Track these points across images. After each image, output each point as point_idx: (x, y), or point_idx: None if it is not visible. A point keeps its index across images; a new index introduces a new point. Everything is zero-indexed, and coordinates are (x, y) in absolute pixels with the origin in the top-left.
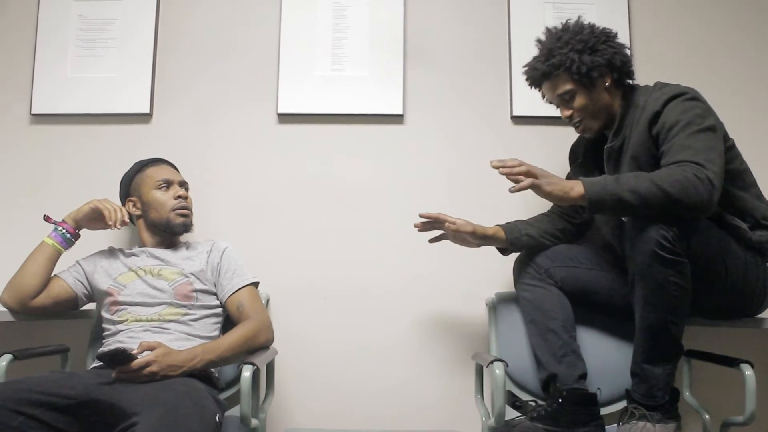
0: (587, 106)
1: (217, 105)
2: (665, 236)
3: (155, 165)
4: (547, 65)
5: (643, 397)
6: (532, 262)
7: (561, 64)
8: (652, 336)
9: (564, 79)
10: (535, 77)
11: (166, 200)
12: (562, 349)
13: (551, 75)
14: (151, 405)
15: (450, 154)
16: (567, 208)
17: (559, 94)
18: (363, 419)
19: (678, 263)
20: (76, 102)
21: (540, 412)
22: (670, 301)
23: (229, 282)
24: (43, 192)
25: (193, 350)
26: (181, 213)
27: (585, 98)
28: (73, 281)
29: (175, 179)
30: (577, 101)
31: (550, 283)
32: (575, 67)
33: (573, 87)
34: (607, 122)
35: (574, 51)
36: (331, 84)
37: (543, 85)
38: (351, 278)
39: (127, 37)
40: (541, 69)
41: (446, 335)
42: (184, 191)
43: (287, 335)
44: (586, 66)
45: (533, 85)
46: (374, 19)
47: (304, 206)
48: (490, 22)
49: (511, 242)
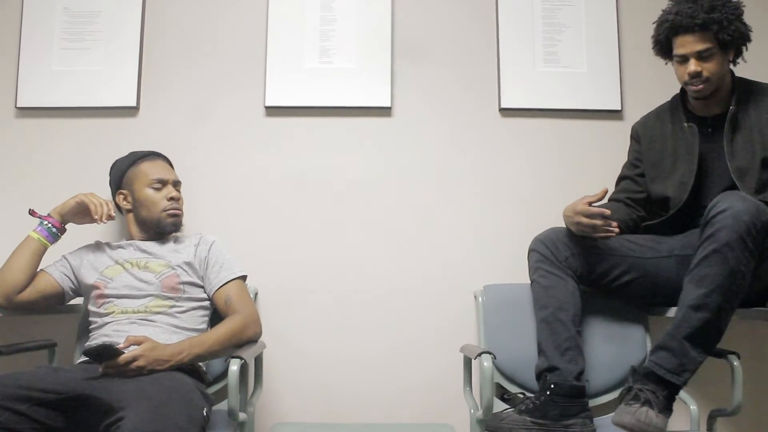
0: (717, 71)
1: (204, 97)
2: (755, 224)
3: (150, 160)
4: (707, 17)
5: (667, 372)
6: (552, 249)
7: (719, 21)
8: (704, 316)
9: (710, 37)
10: (686, 25)
11: (158, 200)
12: (567, 342)
13: (707, 28)
14: (138, 399)
15: (438, 146)
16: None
17: (700, 50)
18: (351, 412)
19: (755, 255)
20: (62, 95)
21: (528, 405)
22: (734, 289)
23: (217, 275)
24: (29, 186)
25: (180, 344)
26: (172, 213)
27: (719, 62)
28: (59, 276)
29: (170, 178)
30: (712, 62)
31: (567, 273)
32: (731, 29)
33: (715, 47)
34: (716, 91)
35: (732, 14)
36: (319, 76)
37: (685, 36)
38: (339, 271)
39: (112, 30)
40: (701, 18)
41: (434, 327)
42: (176, 192)
43: (275, 329)
44: (738, 32)
45: (673, 30)
46: (362, 11)
47: (291, 199)
48: (479, 14)
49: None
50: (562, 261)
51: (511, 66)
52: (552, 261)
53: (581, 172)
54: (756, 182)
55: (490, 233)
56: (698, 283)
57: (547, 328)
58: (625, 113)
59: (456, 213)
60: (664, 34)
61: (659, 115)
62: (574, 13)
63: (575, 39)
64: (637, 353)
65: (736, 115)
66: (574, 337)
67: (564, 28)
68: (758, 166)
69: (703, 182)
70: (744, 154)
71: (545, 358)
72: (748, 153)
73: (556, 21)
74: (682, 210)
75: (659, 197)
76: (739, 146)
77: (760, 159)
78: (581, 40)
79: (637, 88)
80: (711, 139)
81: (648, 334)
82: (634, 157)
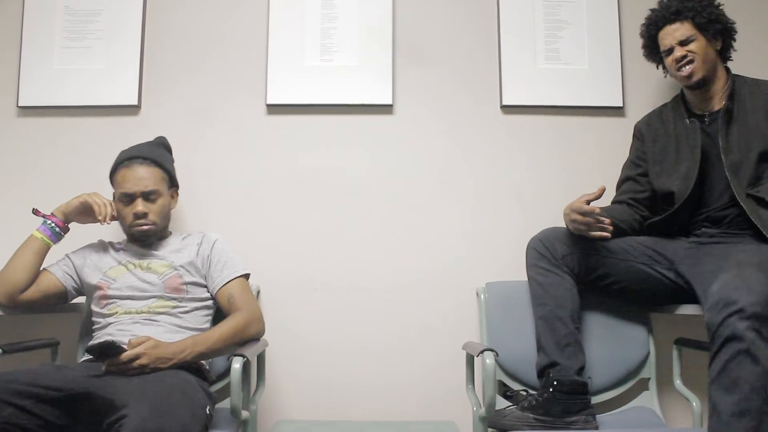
0: (701, 51)
1: (205, 96)
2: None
3: (125, 167)
4: (680, 5)
5: None
6: (549, 247)
7: (693, 7)
8: (750, 423)
9: (688, 27)
10: (663, 16)
11: (125, 215)
12: (566, 339)
13: (681, 14)
14: (141, 397)
15: (440, 144)
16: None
17: (681, 38)
18: (354, 410)
19: None
20: (64, 94)
21: (531, 402)
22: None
23: (220, 274)
24: (31, 185)
25: (183, 342)
26: (138, 231)
27: (702, 45)
28: (62, 275)
29: (137, 191)
30: (694, 45)
31: (565, 271)
32: (705, 13)
33: (694, 33)
34: (708, 80)
35: (705, 1)
36: (320, 74)
37: (666, 28)
38: (341, 269)
39: (114, 29)
40: (675, 6)
41: (436, 325)
42: (142, 207)
43: (278, 327)
44: (714, 15)
45: (656, 24)
46: (363, 8)
47: (293, 197)
48: (480, 11)
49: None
50: (559, 259)
51: (513, 63)
52: (549, 259)
53: (583, 169)
54: (750, 176)
55: (492, 230)
56: (731, 389)
57: (545, 325)
58: (627, 110)
59: (458, 210)
60: (647, 33)
61: (661, 112)
62: (575, 10)
63: (576, 36)
64: (639, 351)
65: (732, 111)
66: (573, 333)
67: (565, 24)
68: (753, 160)
69: (705, 177)
70: (739, 148)
71: (545, 355)
72: (743, 147)
73: (557, 18)
74: (686, 204)
75: (664, 192)
76: (735, 141)
77: (756, 153)
78: (582, 36)
79: (639, 85)
80: (710, 135)
81: (650, 332)
82: (636, 156)
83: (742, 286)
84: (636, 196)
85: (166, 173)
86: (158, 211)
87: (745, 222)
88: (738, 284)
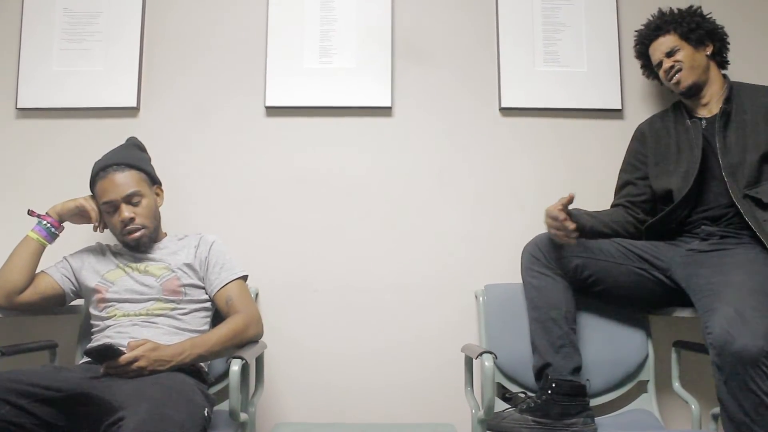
0: (688, 59)
1: (204, 98)
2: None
3: (102, 179)
4: (660, 21)
5: None
6: (543, 251)
7: (674, 20)
8: None
9: (672, 39)
10: (648, 33)
11: (114, 224)
12: (561, 340)
13: (663, 28)
14: (139, 399)
15: (439, 146)
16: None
17: (667, 50)
18: (353, 412)
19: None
20: (62, 96)
21: (530, 404)
22: None
23: (218, 276)
24: (30, 187)
25: (182, 345)
26: (129, 238)
27: (689, 53)
28: (60, 277)
29: (118, 198)
30: (680, 54)
31: (558, 274)
32: (685, 23)
33: (678, 43)
34: (699, 85)
35: (685, 12)
36: (319, 76)
37: (652, 45)
38: (340, 271)
39: (113, 30)
40: (656, 22)
41: (435, 327)
42: (127, 213)
43: (277, 329)
44: (695, 23)
45: (643, 42)
46: (362, 11)
47: (292, 199)
48: (479, 14)
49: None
50: (552, 262)
51: (511, 65)
52: (543, 262)
53: (582, 172)
54: (748, 177)
55: (491, 232)
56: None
57: (540, 327)
58: (626, 112)
59: (457, 212)
60: (639, 52)
61: (664, 115)
62: (573, 12)
63: (575, 38)
64: (637, 353)
65: (729, 113)
66: (567, 333)
67: (564, 27)
68: (752, 162)
69: (705, 177)
70: (736, 150)
71: (540, 356)
72: (740, 149)
73: (556, 20)
74: (684, 201)
75: (663, 191)
76: (732, 142)
77: (755, 154)
78: (581, 39)
79: (638, 87)
80: (708, 138)
81: (649, 334)
82: (635, 159)
83: (748, 334)
84: (633, 199)
85: (144, 173)
86: (145, 212)
87: (742, 222)
88: (745, 330)
